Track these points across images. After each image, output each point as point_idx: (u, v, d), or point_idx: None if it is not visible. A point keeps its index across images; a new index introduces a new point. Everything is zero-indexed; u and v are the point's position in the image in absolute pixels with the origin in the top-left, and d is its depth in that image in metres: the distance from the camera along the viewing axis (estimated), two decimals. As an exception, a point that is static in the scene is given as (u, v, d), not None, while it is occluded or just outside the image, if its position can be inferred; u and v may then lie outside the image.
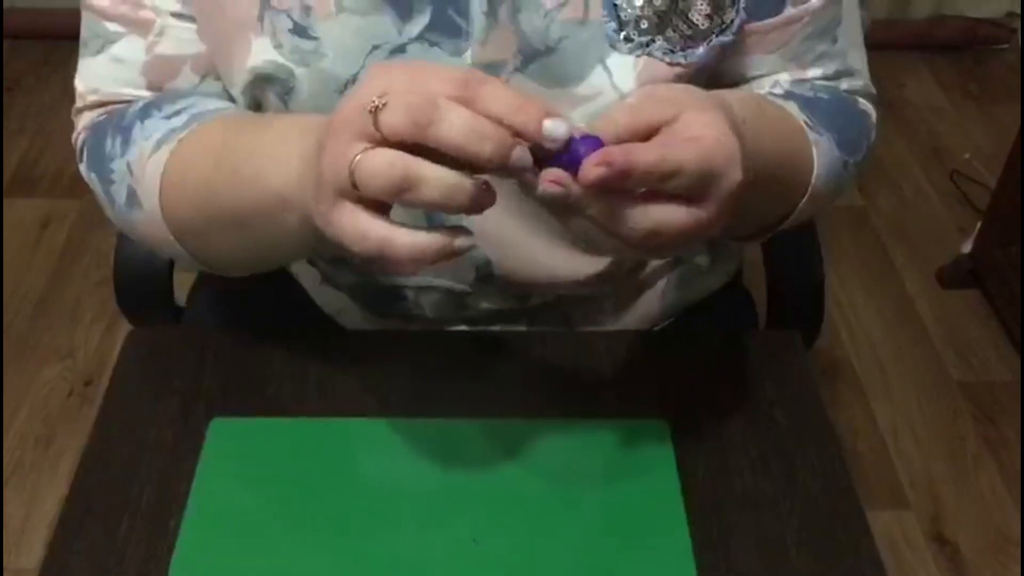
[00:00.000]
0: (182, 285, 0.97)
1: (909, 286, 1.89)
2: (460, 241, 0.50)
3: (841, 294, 1.85)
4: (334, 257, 0.81)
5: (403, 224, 0.50)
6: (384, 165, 0.48)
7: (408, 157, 0.48)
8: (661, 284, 0.85)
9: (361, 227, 0.50)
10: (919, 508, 1.51)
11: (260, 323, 0.86)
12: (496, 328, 0.81)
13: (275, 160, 0.58)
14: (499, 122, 0.48)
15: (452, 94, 0.48)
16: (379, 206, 0.51)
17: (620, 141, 0.51)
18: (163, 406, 0.70)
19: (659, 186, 0.50)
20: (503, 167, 0.48)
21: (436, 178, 0.48)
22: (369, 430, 0.69)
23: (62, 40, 2.42)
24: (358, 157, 0.49)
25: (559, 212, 0.52)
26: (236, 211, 0.63)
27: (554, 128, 0.48)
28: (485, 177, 0.50)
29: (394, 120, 0.48)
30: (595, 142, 0.50)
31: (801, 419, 0.70)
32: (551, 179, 0.49)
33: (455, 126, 0.47)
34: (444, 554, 0.61)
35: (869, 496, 1.49)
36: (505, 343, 0.76)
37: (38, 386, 1.66)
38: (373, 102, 0.49)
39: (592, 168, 0.48)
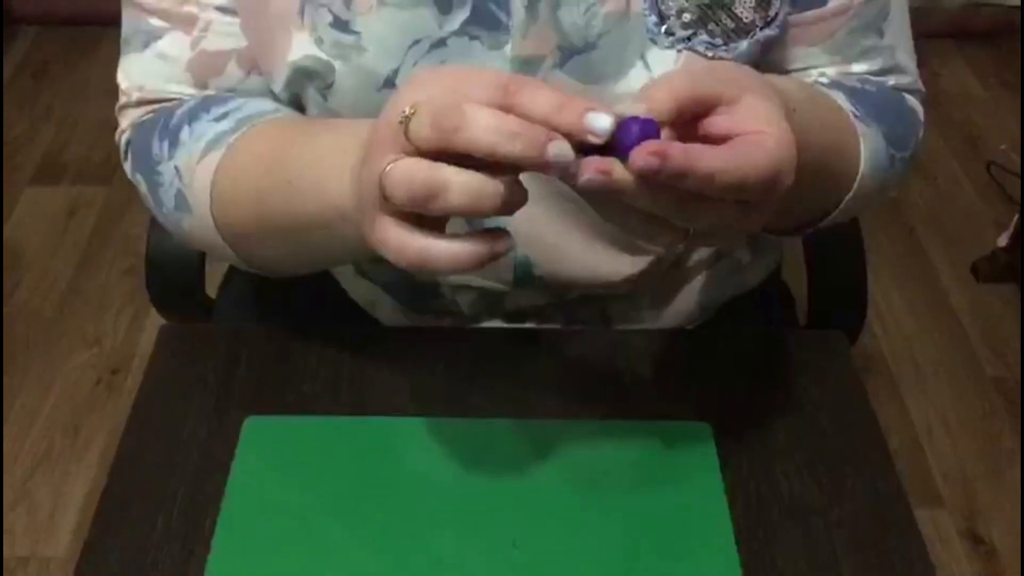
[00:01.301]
0: (213, 276, 0.96)
1: (944, 280, 1.86)
2: (500, 244, 0.49)
3: (875, 287, 1.81)
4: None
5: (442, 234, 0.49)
6: (406, 174, 0.47)
7: (430, 164, 0.47)
8: (700, 280, 0.83)
9: (399, 240, 0.49)
10: (953, 505, 1.49)
11: (291, 314, 0.85)
12: (532, 325, 0.79)
13: (331, 173, 0.57)
14: (542, 123, 0.46)
15: (490, 99, 0.47)
16: (421, 218, 0.49)
17: (676, 111, 0.48)
18: (197, 403, 0.70)
19: (716, 194, 0.47)
20: (542, 165, 0.46)
21: (461, 183, 0.46)
22: (404, 429, 0.68)
23: (90, 26, 2.44)
24: (388, 168, 0.48)
25: (600, 201, 0.50)
26: (293, 221, 0.62)
27: (597, 121, 0.46)
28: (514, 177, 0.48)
29: (420, 129, 0.47)
30: (648, 124, 0.46)
31: (848, 422, 0.69)
32: (595, 167, 0.46)
33: (481, 128, 0.46)
34: (483, 557, 0.60)
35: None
36: (542, 340, 0.75)
37: (66, 374, 1.66)
38: (403, 112, 0.47)
39: (644, 155, 0.45)
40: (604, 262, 0.74)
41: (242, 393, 0.70)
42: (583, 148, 0.46)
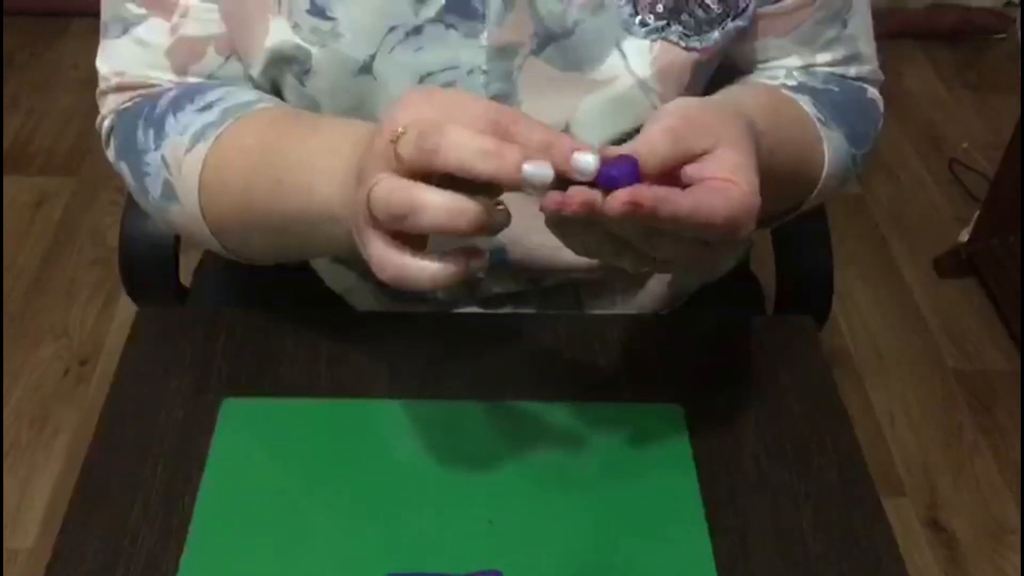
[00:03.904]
0: (187, 263, 0.96)
1: (906, 275, 1.90)
2: (475, 263, 0.51)
3: (839, 282, 1.83)
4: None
5: (419, 253, 0.51)
6: (386, 193, 0.49)
7: (410, 183, 0.49)
8: (671, 268, 0.84)
9: (381, 257, 0.51)
10: (915, 495, 1.52)
11: (266, 302, 0.85)
12: (507, 310, 0.81)
13: (322, 175, 0.59)
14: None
15: (479, 129, 0.49)
16: (406, 236, 0.51)
17: (658, 169, 0.51)
18: (174, 386, 0.70)
19: (683, 233, 0.51)
20: (518, 183, 0.48)
21: (437, 203, 0.48)
22: (381, 411, 0.69)
23: (54, 16, 2.41)
24: (373, 186, 0.50)
25: (568, 233, 0.53)
26: (280, 217, 0.63)
27: (583, 161, 0.48)
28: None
29: (405, 149, 0.49)
30: (630, 165, 0.49)
31: (815, 404, 0.70)
32: (580, 200, 0.48)
33: (455, 146, 0.48)
34: (460, 535, 0.61)
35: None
36: (517, 325, 0.76)
37: (33, 365, 1.65)
38: (396, 132, 0.49)
39: (620, 204, 0.48)
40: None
41: (219, 376, 0.71)
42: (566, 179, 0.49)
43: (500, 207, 0.50)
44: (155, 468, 0.65)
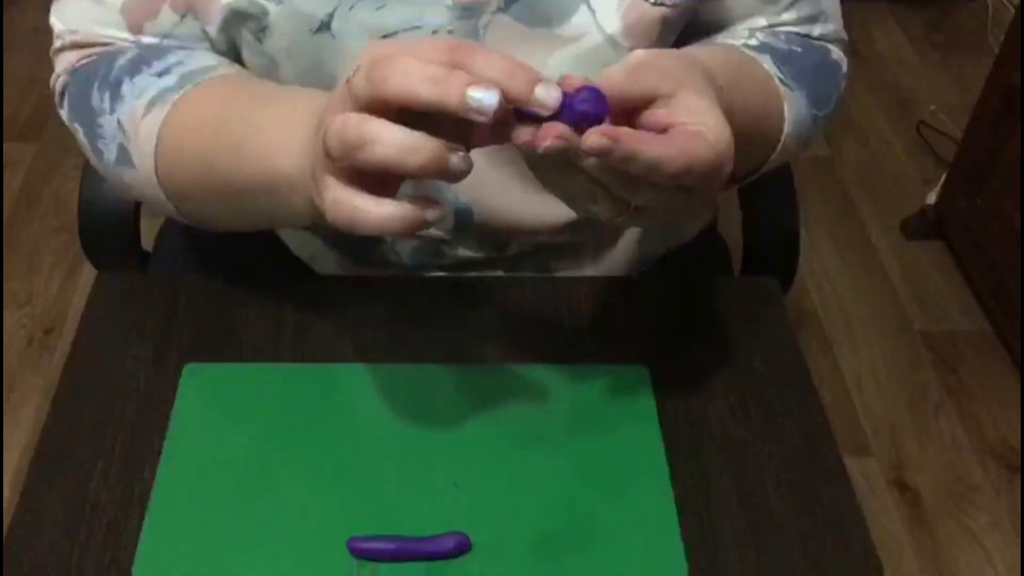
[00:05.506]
0: (148, 229, 0.95)
1: (874, 236, 1.91)
2: (430, 213, 0.49)
3: (807, 244, 1.86)
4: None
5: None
6: (342, 125, 0.47)
7: (365, 116, 0.47)
8: (639, 232, 0.84)
9: (335, 196, 0.50)
10: (881, 455, 1.54)
11: (229, 268, 0.84)
12: (474, 274, 0.80)
13: (279, 142, 0.58)
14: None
15: (436, 61, 0.47)
16: (362, 181, 0.50)
17: (616, 102, 0.49)
18: (134, 352, 0.69)
19: (663, 180, 0.49)
20: (464, 110, 0.46)
21: (390, 136, 0.47)
22: (345, 375, 0.68)
23: (13, -21, 2.36)
24: (331, 124, 0.48)
25: (545, 173, 0.51)
26: (239, 185, 0.62)
27: (545, 94, 0.47)
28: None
29: (359, 82, 0.48)
30: (596, 94, 0.48)
31: (779, 365, 0.70)
32: (555, 135, 0.47)
33: (402, 73, 0.46)
34: (425, 498, 0.61)
35: (833, 443, 1.51)
36: (483, 288, 0.76)
37: (-4, 334, 1.63)
38: (351, 72, 0.48)
39: (596, 136, 0.47)
40: (543, 209, 0.75)
41: (180, 342, 0.70)
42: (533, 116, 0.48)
43: (460, 153, 0.48)
44: (116, 435, 0.64)
